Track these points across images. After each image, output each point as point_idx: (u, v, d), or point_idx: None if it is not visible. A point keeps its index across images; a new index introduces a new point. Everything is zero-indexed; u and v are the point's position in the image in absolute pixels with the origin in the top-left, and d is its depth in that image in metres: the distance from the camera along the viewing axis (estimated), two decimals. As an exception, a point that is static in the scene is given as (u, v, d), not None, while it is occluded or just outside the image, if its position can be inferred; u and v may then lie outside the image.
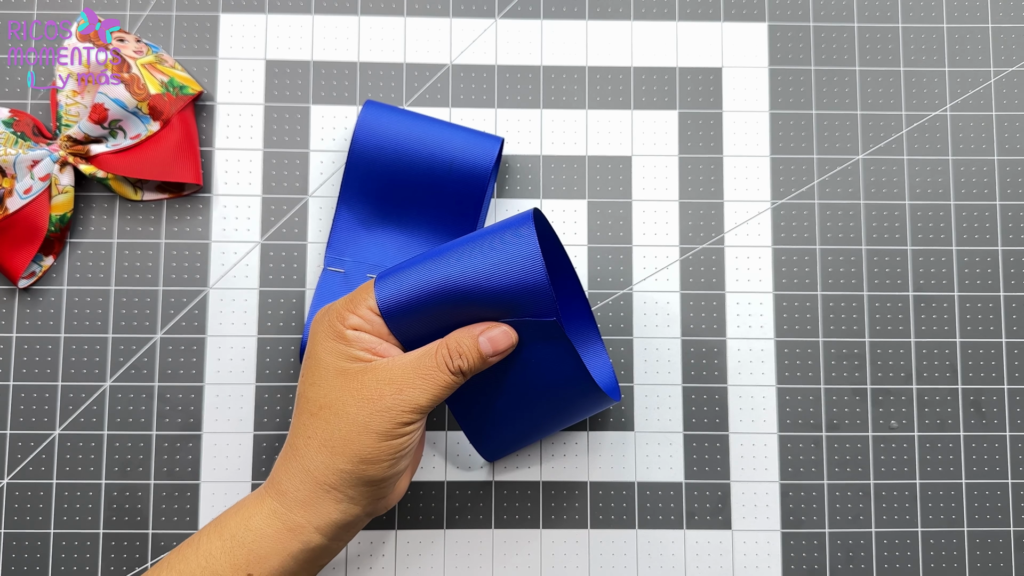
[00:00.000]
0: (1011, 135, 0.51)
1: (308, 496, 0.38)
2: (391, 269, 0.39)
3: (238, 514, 0.39)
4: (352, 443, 0.37)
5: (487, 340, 0.38)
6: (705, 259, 0.50)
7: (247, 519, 0.38)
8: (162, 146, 0.48)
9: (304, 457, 0.38)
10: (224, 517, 0.39)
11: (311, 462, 0.38)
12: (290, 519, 0.38)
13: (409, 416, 0.38)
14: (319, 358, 0.39)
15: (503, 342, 0.38)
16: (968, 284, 0.50)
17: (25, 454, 0.48)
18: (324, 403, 0.38)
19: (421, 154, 0.47)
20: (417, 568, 0.48)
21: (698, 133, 0.51)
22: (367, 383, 0.38)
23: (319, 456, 0.38)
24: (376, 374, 0.38)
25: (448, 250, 0.39)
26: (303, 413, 0.39)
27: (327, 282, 0.48)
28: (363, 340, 0.38)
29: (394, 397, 0.37)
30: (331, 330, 0.39)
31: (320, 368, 0.39)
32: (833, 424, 0.49)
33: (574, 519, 0.48)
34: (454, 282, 0.38)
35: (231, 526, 0.38)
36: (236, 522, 0.38)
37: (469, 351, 0.38)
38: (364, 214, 0.49)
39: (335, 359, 0.38)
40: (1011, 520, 0.49)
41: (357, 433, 0.37)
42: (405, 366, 0.38)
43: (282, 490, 0.38)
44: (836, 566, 0.49)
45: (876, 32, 0.52)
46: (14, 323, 0.49)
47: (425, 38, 0.51)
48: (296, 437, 0.39)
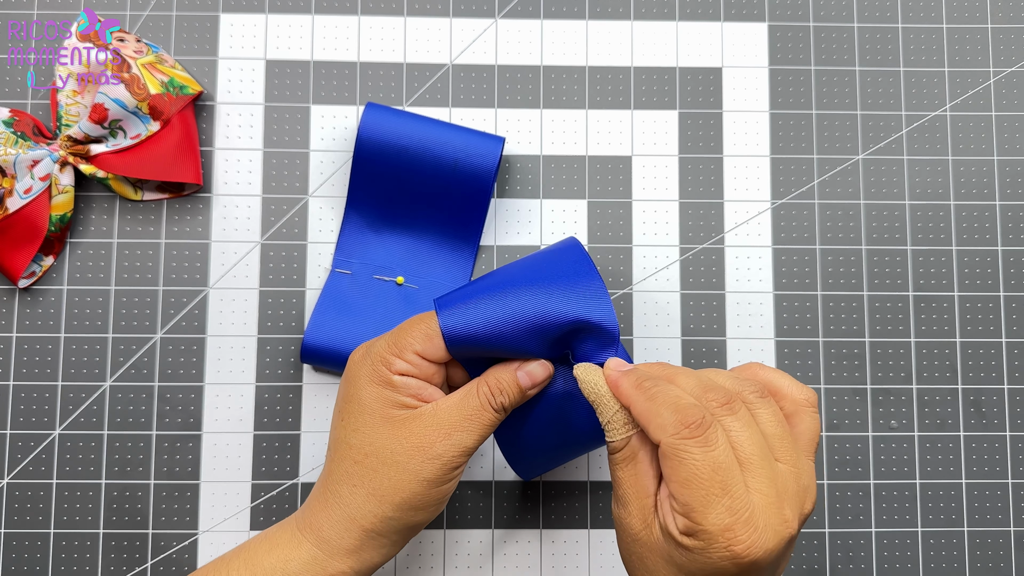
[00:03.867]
0: (1011, 135, 0.51)
1: (354, 544, 0.37)
2: (452, 298, 0.39)
3: (271, 553, 0.38)
4: (402, 491, 0.37)
5: (525, 375, 0.38)
6: (705, 259, 0.50)
7: (284, 563, 0.37)
8: (162, 146, 0.48)
9: (350, 505, 0.37)
10: (255, 554, 0.38)
11: (358, 511, 0.37)
12: (331, 566, 0.37)
13: (459, 460, 0.37)
14: (363, 403, 0.38)
15: (540, 374, 0.39)
16: (968, 284, 0.50)
17: (25, 454, 0.48)
18: (370, 451, 0.37)
19: (424, 156, 0.47)
20: (417, 568, 0.48)
21: (698, 133, 0.51)
22: (416, 431, 0.37)
23: (367, 505, 0.37)
24: (424, 420, 0.37)
25: (512, 284, 0.39)
26: (345, 460, 0.38)
27: (334, 283, 0.48)
28: (410, 387, 0.38)
29: (444, 443, 0.37)
30: (376, 375, 0.38)
31: (365, 414, 0.38)
32: (833, 424, 0.49)
33: (574, 519, 0.48)
34: (520, 317, 0.38)
35: (265, 566, 0.37)
36: (270, 562, 0.37)
37: (509, 387, 0.38)
38: (371, 217, 0.49)
39: (381, 406, 0.38)
40: (1011, 520, 0.49)
41: (407, 482, 0.37)
42: (451, 409, 0.37)
43: (324, 538, 0.38)
44: (836, 566, 0.49)
45: (876, 32, 0.52)
46: (14, 323, 0.49)
47: (425, 38, 0.51)
48: (339, 484, 0.38)
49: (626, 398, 0.35)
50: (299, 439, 0.48)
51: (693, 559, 0.33)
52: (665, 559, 0.34)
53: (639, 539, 0.35)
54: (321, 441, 0.48)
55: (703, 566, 0.32)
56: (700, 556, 0.32)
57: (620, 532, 0.36)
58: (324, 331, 0.47)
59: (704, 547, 0.32)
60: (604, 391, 0.37)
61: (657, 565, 0.34)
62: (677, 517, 0.33)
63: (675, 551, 0.33)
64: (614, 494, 0.36)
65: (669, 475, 0.33)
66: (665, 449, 0.33)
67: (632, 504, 0.35)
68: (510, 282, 0.39)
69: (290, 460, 0.48)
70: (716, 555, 0.32)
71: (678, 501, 0.33)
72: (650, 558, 0.35)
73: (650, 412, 0.34)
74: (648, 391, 0.35)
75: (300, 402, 0.49)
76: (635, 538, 0.35)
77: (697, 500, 0.32)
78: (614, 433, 0.36)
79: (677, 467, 0.33)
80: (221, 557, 0.39)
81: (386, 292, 0.48)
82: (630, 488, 0.35)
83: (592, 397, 0.37)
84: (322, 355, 0.47)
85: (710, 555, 0.32)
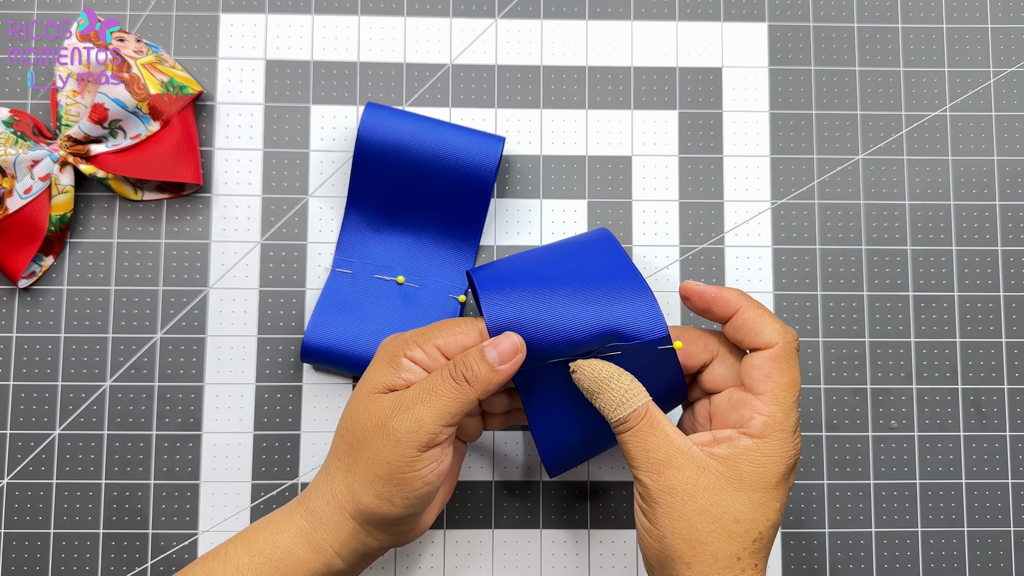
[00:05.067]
0: (1010, 135, 0.51)
1: (331, 518, 0.38)
2: (490, 282, 0.40)
3: (267, 529, 0.39)
4: (368, 472, 0.37)
5: (492, 347, 0.38)
6: (705, 259, 0.50)
7: (276, 535, 0.38)
8: (162, 146, 0.48)
9: (333, 479, 0.38)
10: (252, 532, 0.39)
11: (337, 485, 0.38)
12: (316, 539, 0.38)
13: (418, 438, 0.36)
14: (363, 380, 0.39)
15: (509, 350, 0.38)
16: (968, 284, 0.50)
17: (25, 454, 0.48)
18: (350, 426, 0.38)
19: (425, 156, 0.47)
20: (417, 568, 0.48)
21: (698, 133, 0.51)
22: (383, 406, 0.37)
23: (344, 481, 0.38)
24: (391, 398, 0.37)
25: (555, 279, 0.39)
26: (337, 434, 0.39)
27: (335, 283, 0.48)
28: (412, 371, 0.38)
29: (400, 417, 0.37)
30: (388, 355, 0.39)
31: (359, 390, 0.39)
32: (833, 424, 0.49)
33: (574, 519, 0.48)
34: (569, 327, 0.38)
35: (259, 542, 0.38)
36: (265, 538, 0.38)
37: (476, 361, 0.37)
38: (372, 216, 0.49)
39: (373, 383, 0.38)
40: (1011, 520, 0.49)
41: (373, 462, 0.37)
42: (416, 387, 0.37)
43: (311, 508, 0.38)
44: (836, 566, 0.49)
45: (876, 32, 0.52)
46: (14, 323, 0.49)
47: (425, 38, 0.51)
48: (329, 457, 0.39)
49: (735, 304, 0.39)
50: (299, 439, 0.48)
51: (764, 463, 0.36)
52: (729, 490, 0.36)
53: (696, 489, 0.36)
54: (321, 441, 0.48)
55: (772, 466, 0.36)
56: (774, 454, 0.36)
57: (665, 504, 0.36)
58: (324, 330, 0.47)
59: (781, 445, 0.36)
60: (613, 369, 0.38)
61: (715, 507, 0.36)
62: (756, 418, 0.36)
63: (744, 464, 0.36)
64: (647, 470, 0.36)
65: (770, 374, 0.37)
66: (779, 352, 0.37)
67: (678, 458, 0.36)
68: (556, 276, 0.40)
69: (290, 460, 0.48)
70: (791, 451, 0.36)
71: (767, 403, 0.36)
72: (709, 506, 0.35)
73: (765, 317, 0.38)
74: (756, 303, 0.39)
75: (300, 402, 0.49)
76: (690, 492, 0.36)
77: (791, 401, 0.37)
78: (635, 400, 0.37)
79: (785, 370, 0.37)
80: (223, 542, 0.40)
81: (387, 291, 0.48)
82: (675, 441, 0.36)
83: (598, 381, 0.38)
84: (322, 354, 0.47)
85: (784, 451, 0.36)
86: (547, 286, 0.39)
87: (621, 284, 0.39)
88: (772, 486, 0.36)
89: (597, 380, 0.37)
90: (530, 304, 0.39)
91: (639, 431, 0.37)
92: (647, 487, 0.36)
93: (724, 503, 0.35)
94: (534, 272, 0.40)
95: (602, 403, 0.38)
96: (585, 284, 0.39)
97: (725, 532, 0.35)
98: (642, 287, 0.39)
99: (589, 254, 0.41)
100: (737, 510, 0.35)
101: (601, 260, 0.41)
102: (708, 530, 0.35)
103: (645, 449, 0.36)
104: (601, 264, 0.40)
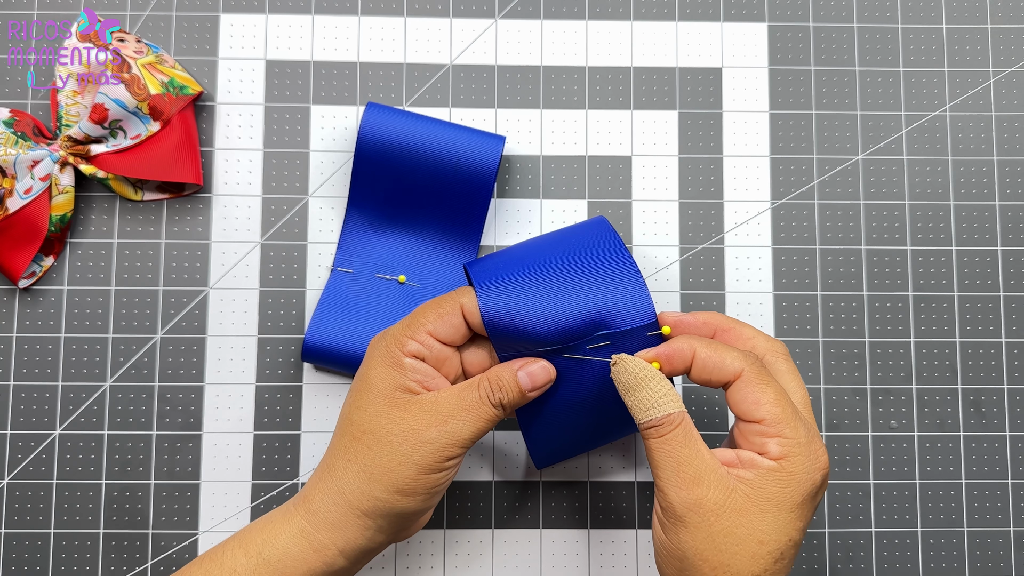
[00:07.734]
0: (1010, 135, 0.51)
1: (338, 519, 0.38)
2: (485, 274, 0.40)
3: (264, 530, 0.38)
4: (392, 473, 0.37)
5: (526, 375, 0.39)
6: (705, 259, 0.50)
7: (274, 536, 0.38)
8: (162, 146, 0.48)
9: (341, 480, 0.38)
10: (250, 532, 0.39)
11: (348, 485, 0.38)
12: (317, 539, 0.38)
13: (451, 450, 0.38)
14: (370, 382, 0.39)
15: (542, 377, 0.39)
16: (968, 284, 0.50)
17: (25, 454, 0.48)
18: (368, 428, 0.38)
19: (426, 155, 0.47)
20: (417, 568, 0.48)
21: (698, 133, 0.51)
22: (413, 414, 0.38)
23: (357, 481, 0.38)
24: (422, 406, 0.38)
25: (547, 266, 0.40)
26: (345, 435, 0.39)
27: (336, 282, 0.49)
28: (418, 370, 0.39)
29: (438, 429, 0.37)
30: (388, 356, 0.39)
31: (369, 393, 0.39)
32: (833, 424, 0.49)
33: (574, 519, 0.48)
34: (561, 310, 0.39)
35: (257, 542, 0.38)
36: (263, 539, 0.38)
37: (510, 386, 0.38)
38: (373, 216, 0.49)
39: (386, 387, 0.38)
40: (1011, 520, 0.49)
41: (398, 463, 0.37)
42: (449, 399, 0.38)
43: (313, 509, 0.38)
44: (836, 566, 0.49)
45: (876, 32, 0.52)
46: (14, 323, 0.49)
47: (425, 38, 0.51)
48: (335, 458, 0.39)
49: (687, 353, 0.38)
50: (299, 439, 0.48)
51: (790, 482, 0.35)
52: (756, 512, 0.35)
53: (723, 510, 0.35)
54: (321, 441, 0.48)
55: (798, 484, 0.35)
56: (799, 473, 0.35)
57: (691, 522, 0.35)
58: (325, 330, 0.47)
59: (804, 461, 0.35)
60: (651, 371, 0.37)
61: (741, 529, 0.35)
62: (769, 441, 0.35)
63: (771, 485, 0.35)
64: (675, 484, 0.36)
65: (758, 399, 0.36)
66: (750, 376, 0.36)
67: (709, 476, 0.35)
68: (548, 264, 0.40)
69: (290, 460, 0.48)
70: (816, 464, 0.36)
71: (768, 422, 0.35)
72: (735, 527, 0.35)
73: (720, 350, 0.37)
74: (706, 340, 0.38)
75: (300, 402, 0.49)
76: (717, 513, 0.35)
77: (791, 414, 0.36)
78: (669, 406, 0.36)
79: (766, 388, 0.36)
80: (219, 543, 0.40)
81: (388, 291, 0.49)
82: (706, 458, 0.36)
83: (637, 377, 0.37)
84: (323, 354, 0.47)
85: (809, 468, 0.35)
86: (539, 276, 0.40)
87: (611, 268, 0.39)
88: (798, 505, 0.35)
89: (637, 376, 0.37)
90: (522, 294, 0.39)
91: (671, 440, 0.36)
92: (672, 503, 0.36)
93: (750, 524, 0.35)
94: (527, 261, 0.41)
95: (635, 401, 0.37)
96: (577, 271, 0.40)
97: (749, 554, 0.35)
98: (632, 272, 0.39)
99: (582, 241, 0.41)
100: (762, 531, 0.35)
101: (593, 245, 0.41)
102: (732, 552, 0.35)
103: (676, 461, 0.36)
104: (594, 249, 0.41)
